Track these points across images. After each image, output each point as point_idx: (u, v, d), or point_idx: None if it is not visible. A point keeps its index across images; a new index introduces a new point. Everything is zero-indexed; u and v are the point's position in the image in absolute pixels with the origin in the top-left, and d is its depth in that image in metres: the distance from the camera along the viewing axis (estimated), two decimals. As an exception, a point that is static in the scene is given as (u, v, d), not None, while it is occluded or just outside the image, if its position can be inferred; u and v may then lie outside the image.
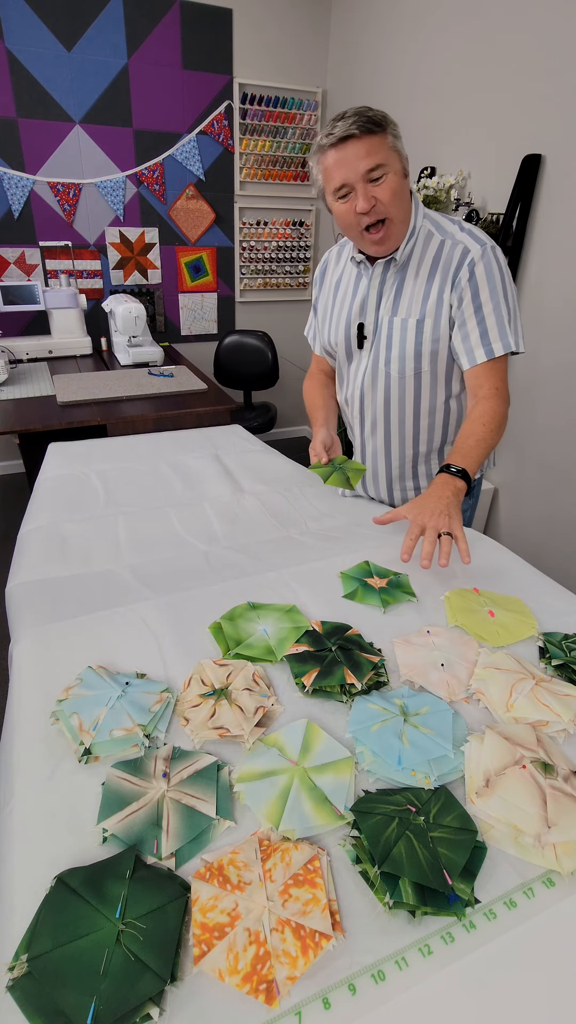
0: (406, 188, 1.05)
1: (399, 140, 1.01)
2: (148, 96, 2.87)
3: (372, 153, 0.97)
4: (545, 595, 0.99)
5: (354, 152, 0.97)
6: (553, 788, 0.60)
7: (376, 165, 0.98)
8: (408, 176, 1.05)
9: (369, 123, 0.96)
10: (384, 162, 0.99)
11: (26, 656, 0.81)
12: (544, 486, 2.23)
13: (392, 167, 1.00)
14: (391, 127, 0.99)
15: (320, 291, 1.31)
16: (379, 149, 0.98)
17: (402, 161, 1.02)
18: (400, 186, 1.02)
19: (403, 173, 1.03)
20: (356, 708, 0.73)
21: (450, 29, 2.30)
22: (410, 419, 1.23)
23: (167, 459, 1.54)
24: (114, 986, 0.45)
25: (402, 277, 1.12)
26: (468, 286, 1.06)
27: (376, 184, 1.00)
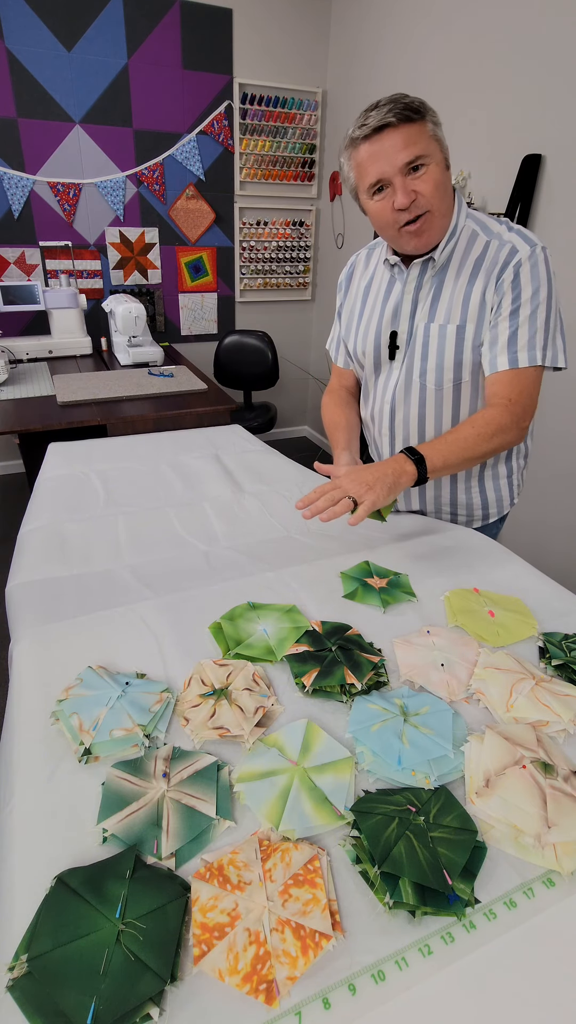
0: (449, 181, 0.96)
1: (440, 128, 0.92)
2: (148, 96, 2.87)
3: (411, 143, 0.88)
4: (545, 595, 0.99)
5: (391, 143, 0.88)
6: (553, 788, 0.60)
7: (416, 156, 0.89)
8: (450, 168, 0.96)
9: (407, 110, 0.87)
10: (425, 152, 0.89)
11: (26, 656, 0.81)
12: (544, 487, 2.23)
13: (434, 157, 0.91)
14: (431, 114, 0.90)
15: (345, 297, 1.21)
16: (419, 138, 0.88)
17: (443, 151, 0.93)
18: (443, 178, 0.93)
19: (445, 164, 0.94)
20: (356, 708, 0.73)
21: (450, 29, 2.30)
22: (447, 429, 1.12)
23: (167, 459, 1.54)
24: (114, 986, 0.45)
25: (441, 280, 1.02)
26: (511, 288, 0.96)
27: (416, 176, 0.91)
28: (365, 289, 1.15)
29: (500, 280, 0.97)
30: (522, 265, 0.96)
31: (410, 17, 2.51)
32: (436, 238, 0.99)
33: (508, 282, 0.96)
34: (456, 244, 1.01)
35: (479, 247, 1.00)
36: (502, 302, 0.97)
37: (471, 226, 1.01)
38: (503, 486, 1.18)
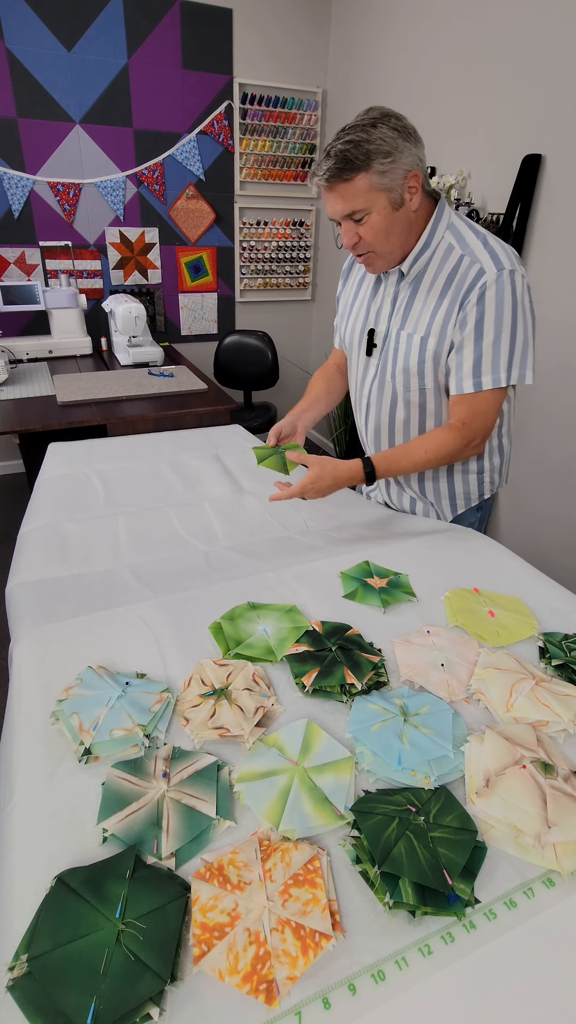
0: (399, 219, 0.99)
1: (387, 174, 0.93)
2: (148, 96, 2.87)
3: (346, 200, 0.95)
4: (545, 595, 0.99)
5: (331, 198, 0.97)
6: (553, 788, 0.60)
7: (352, 211, 0.96)
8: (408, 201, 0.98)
9: (345, 171, 0.92)
10: (361, 207, 0.95)
11: (26, 656, 0.81)
12: (544, 486, 2.23)
13: (374, 207, 0.95)
14: (378, 161, 0.91)
15: (343, 286, 1.29)
16: (355, 196, 0.94)
17: (391, 195, 0.95)
18: (385, 223, 0.98)
19: (393, 206, 0.97)
20: (356, 708, 0.73)
21: (450, 29, 2.30)
22: (415, 433, 1.20)
23: (167, 459, 1.54)
24: (114, 986, 0.45)
25: (415, 289, 1.08)
26: (475, 310, 1.00)
27: (358, 224, 0.98)
28: (359, 282, 1.23)
29: (465, 301, 1.01)
30: (487, 288, 0.98)
31: (410, 17, 2.51)
32: (387, 266, 1.07)
33: (472, 304, 1.00)
34: (432, 257, 1.05)
35: (453, 260, 1.03)
36: (467, 322, 1.01)
37: (448, 239, 1.04)
38: (472, 481, 1.25)
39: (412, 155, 0.94)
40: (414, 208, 0.99)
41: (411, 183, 0.96)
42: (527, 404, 2.22)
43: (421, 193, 0.99)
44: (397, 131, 0.92)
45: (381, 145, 0.91)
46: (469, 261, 1.00)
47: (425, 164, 0.99)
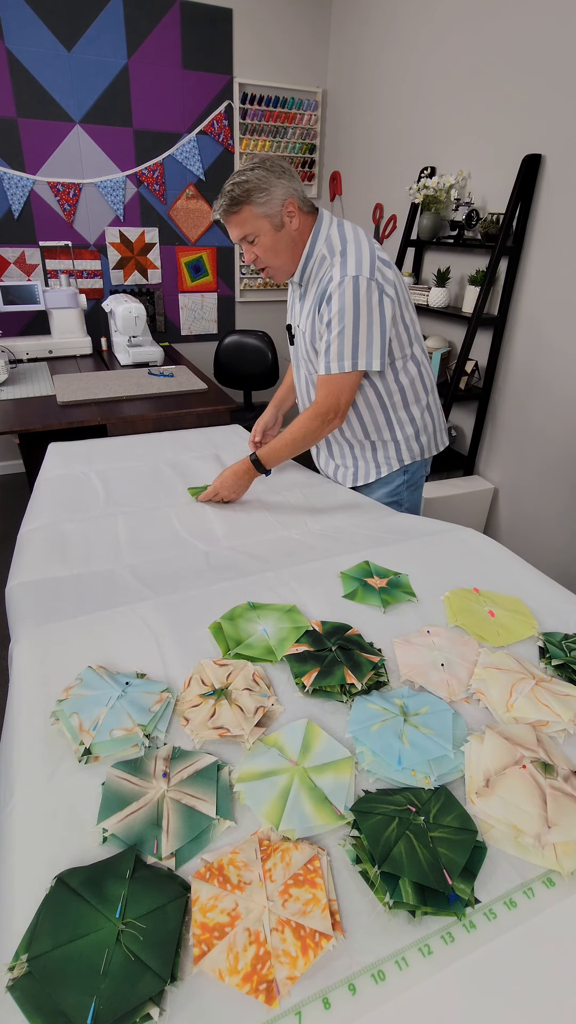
0: (282, 237, 1.21)
1: (266, 204, 1.16)
2: (148, 96, 2.87)
3: (237, 227, 1.20)
4: (545, 595, 0.99)
5: (229, 227, 1.21)
6: (553, 788, 0.60)
7: (243, 236, 1.20)
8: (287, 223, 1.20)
9: (231, 205, 1.16)
10: (250, 232, 1.19)
11: (26, 656, 0.81)
12: (544, 486, 2.23)
13: (261, 230, 1.19)
14: (257, 195, 1.15)
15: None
16: (244, 223, 1.18)
17: (272, 220, 1.18)
18: (273, 241, 1.21)
19: (275, 228, 1.19)
20: (356, 708, 0.73)
21: (450, 29, 2.30)
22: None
23: (167, 459, 1.54)
24: (114, 986, 0.45)
25: (305, 291, 1.31)
26: (326, 310, 1.21)
27: (252, 245, 1.22)
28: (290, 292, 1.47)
29: (322, 302, 1.23)
30: (333, 292, 1.18)
31: (410, 17, 2.51)
32: (285, 276, 1.29)
33: (325, 304, 1.22)
34: (313, 266, 1.26)
35: (325, 268, 1.23)
36: (323, 319, 1.23)
37: (323, 251, 1.24)
38: (390, 449, 1.42)
39: (285, 188, 1.17)
40: (295, 228, 1.21)
41: (289, 209, 1.19)
42: (527, 403, 2.22)
43: (301, 216, 1.21)
44: (271, 171, 1.15)
45: (258, 184, 1.15)
46: (328, 268, 1.22)
47: (301, 192, 1.20)
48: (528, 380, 2.20)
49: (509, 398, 2.31)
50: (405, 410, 1.37)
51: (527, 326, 2.16)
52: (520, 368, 2.23)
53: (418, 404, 1.38)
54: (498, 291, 2.21)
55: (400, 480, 1.45)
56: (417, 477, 1.49)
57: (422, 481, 1.52)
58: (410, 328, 1.29)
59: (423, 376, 1.36)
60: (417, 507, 1.53)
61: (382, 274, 1.19)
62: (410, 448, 1.41)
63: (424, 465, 1.49)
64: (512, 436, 2.33)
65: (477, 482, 2.47)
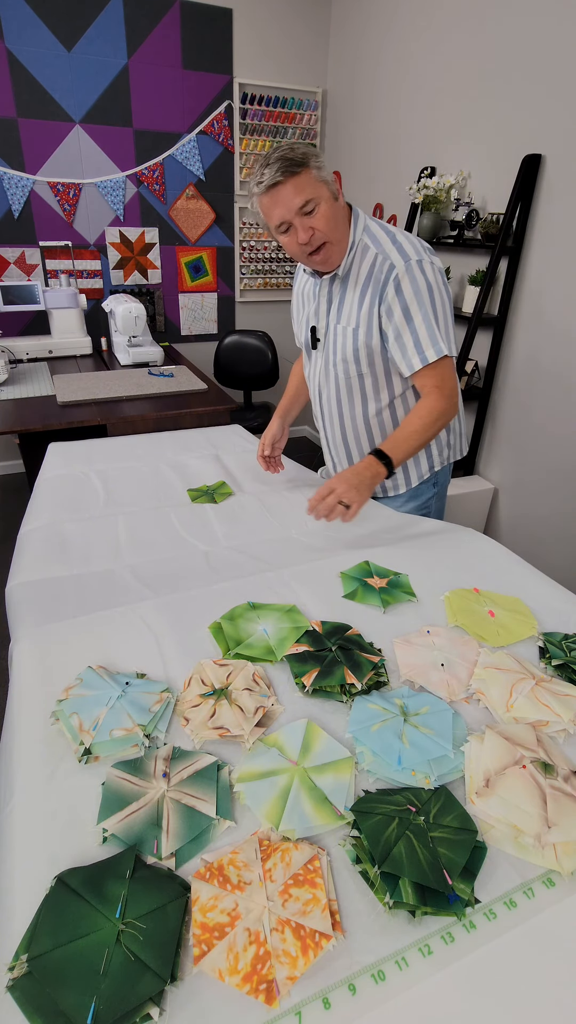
0: (339, 210, 1.13)
1: (322, 169, 1.08)
2: (148, 96, 2.87)
3: (300, 190, 1.07)
4: (545, 595, 0.99)
5: (285, 194, 1.07)
6: (553, 788, 0.60)
7: (306, 201, 1.07)
8: (339, 197, 1.13)
9: (291, 165, 1.05)
10: (312, 196, 1.07)
11: (26, 656, 0.81)
12: (544, 486, 2.23)
13: (321, 196, 1.08)
14: (313, 160, 1.06)
15: (294, 297, 1.44)
16: (305, 185, 1.06)
17: (330, 188, 1.10)
18: (333, 211, 1.11)
19: (333, 197, 1.11)
20: (356, 708, 0.73)
21: (450, 29, 2.29)
22: (360, 416, 1.33)
23: (167, 459, 1.54)
24: (114, 986, 0.45)
25: (344, 288, 1.22)
26: (396, 300, 1.13)
27: (310, 216, 1.09)
28: (302, 291, 1.37)
29: (383, 294, 1.14)
30: (401, 280, 1.12)
31: (410, 17, 2.51)
32: (339, 259, 1.18)
33: (392, 295, 1.13)
34: (353, 257, 1.18)
35: (369, 259, 1.16)
36: (393, 313, 1.14)
37: (365, 240, 1.17)
38: (422, 457, 1.36)
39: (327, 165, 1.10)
40: (342, 205, 1.15)
41: (337, 182, 1.12)
42: (528, 403, 2.22)
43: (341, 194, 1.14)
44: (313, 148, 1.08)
45: (311, 150, 1.08)
46: (381, 258, 1.14)
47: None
48: (528, 380, 2.20)
49: (509, 398, 2.31)
50: None
51: (527, 326, 2.16)
52: (520, 368, 2.23)
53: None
54: (498, 291, 2.21)
55: (430, 492, 1.40)
56: (442, 486, 1.44)
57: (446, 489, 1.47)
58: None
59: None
60: (442, 514, 1.49)
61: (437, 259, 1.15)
62: (440, 453, 1.36)
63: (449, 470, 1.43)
64: (512, 436, 2.33)
65: (477, 482, 2.47)
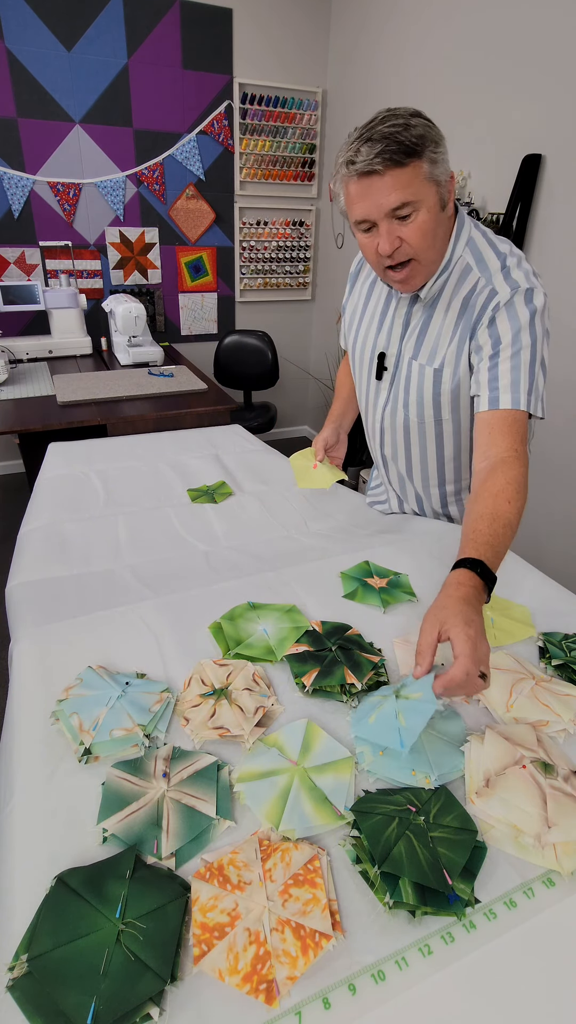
0: (442, 223, 0.89)
1: (439, 164, 0.82)
2: (148, 96, 2.87)
3: (399, 189, 0.81)
4: (545, 595, 0.98)
5: (378, 188, 0.81)
6: (553, 788, 0.60)
7: (402, 203, 0.82)
8: (448, 204, 0.88)
9: (399, 153, 0.78)
10: (413, 199, 0.82)
11: (26, 656, 0.81)
12: (544, 486, 2.23)
13: (425, 202, 0.83)
14: (430, 148, 0.80)
15: (350, 293, 1.19)
16: (409, 183, 0.81)
17: (440, 191, 0.85)
18: (434, 223, 0.86)
19: (440, 205, 0.86)
20: (358, 709, 0.73)
21: (450, 29, 2.30)
22: (432, 462, 1.14)
23: (167, 459, 1.54)
24: (114, 986, 0.45)
25: (430, 314, 0.99)
26: (489, 332, 0.92)
27: (404, 222, 0.85)
28: (369, 290, 1.13)
29: (477, 325, 0.93)
30: (499, 310, 0.91)
31: (410, 16, 2.51)
32: (424, 281, 0.95)
33: (485, 326, 0.92)
34: (448, 278, 0.96)
35: (470, 283, 0.94)
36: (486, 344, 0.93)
37: (467, 259, 0.94)
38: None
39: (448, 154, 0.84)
40: (449, 215, 0.90)
41: (451, 186, 0.87)
42: (527, 404, 2.22)
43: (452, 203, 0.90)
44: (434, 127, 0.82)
45: (432, 135, 0.80)
46: (484, 283, 0.92)
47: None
48: (528, 380, 2.20)
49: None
50: None
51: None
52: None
53: None
54: (498, 291, 2.21)
55: None
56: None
57: None
58: None
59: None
60: None
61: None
62: None
63: None
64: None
65: (477, 482, 2.47)
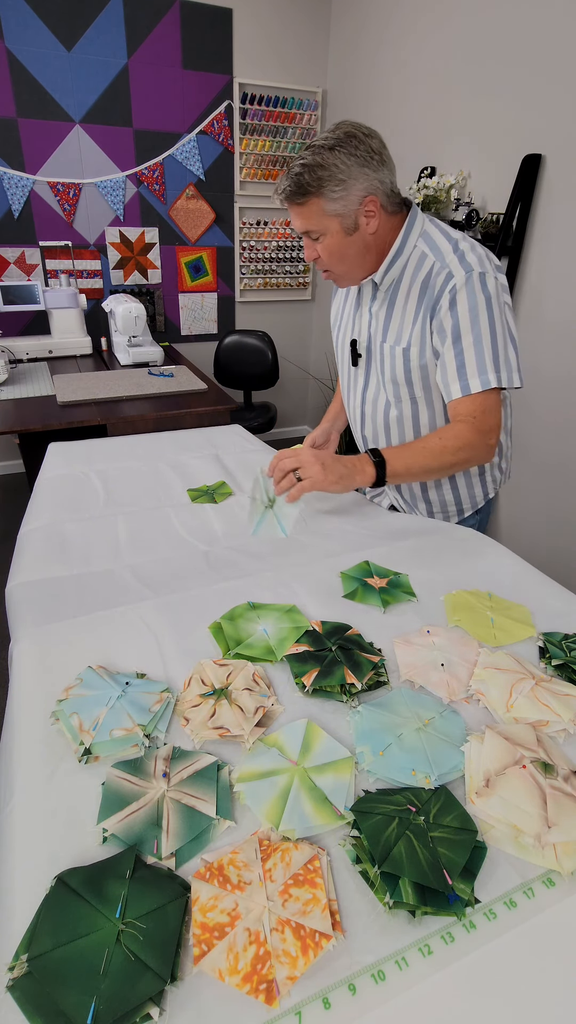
0: (352, 243, 1.00)
1: (339, 201, 0.94)
2: (148, 96, 2.87)
3: (301, 219, 0.98)
4: (545, 595, 0.98)
5: (291, 215, 1.00)
6: (553, 788, 0.60)
7: (306, 231, 0.99)
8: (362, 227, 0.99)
9: (296, 194, 0.94)
10: (315, 229, 0.98)
11: (26, 656, 0.81)
12: (544, 486, 2.23)
13: (328, 230, 0.98)
14: (328, 188, 0.93)
15: (335, 293, 1.30)
16: (309, 217, 0.97)
17: (343, 222, 0.97)
18: (340, 247, 1.00)
19: (346, 231, 0.98)
20: None
21: (450, 29, 2.30)
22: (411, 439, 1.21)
23: (167, 459, 1.54)
24: (114, 986, 0.45)
25: (393, 300, 1.08)
26: (448, 315, 0.99)
27: (317, 242, 1.01)
28: (346, 291, 1.23)
29: (437, 307, 1.00)
30: (458, 292, 0.97)
31: (410, 16, 2.51)
32: (350, 282, 1.08)
33: (445, 309, 0.99)
34: (405, 266, 1.04)
35: (426, 269, 1.02)
36: (444, 330, 1.00)
37: (422, 247, 1.03)
38: (475, 483, 1.25)
39: (370, 180, 0.94)
40: (371, 232, 1.00)
41: (368, 208, 0.97)
42: (528, 403, 2.22)
43: (382, 216, 1.00)
44: (356, 156, 0.92)
45: (335, 172, 0.92)
46: (439, 267, 1.00)
47: (390, 184, 0.98)
48: (528, 379, 2.20)
49: (509, 397, 2.30)
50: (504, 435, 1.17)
51: (527, 326, 2.16)
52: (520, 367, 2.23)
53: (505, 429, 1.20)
54: (498, 291, 2.21)
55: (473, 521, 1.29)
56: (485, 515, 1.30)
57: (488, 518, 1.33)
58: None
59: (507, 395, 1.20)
60: None
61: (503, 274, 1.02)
62: (494, 478, 1.25)
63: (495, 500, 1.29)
64: (512, 435, 2.33)
65: (477, 482, 2.47)
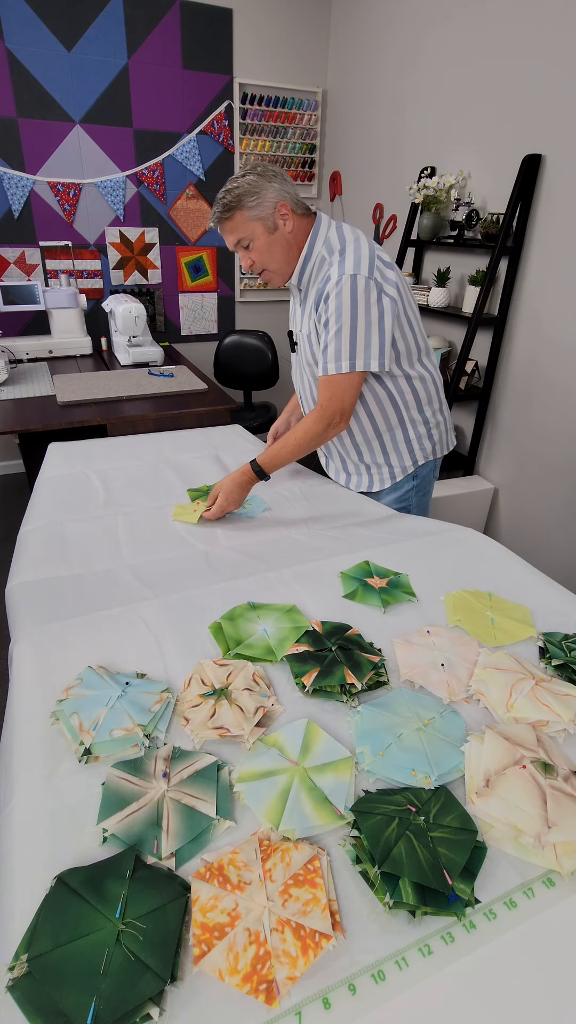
0: (279, 239, 1.22)
1: (257, 208, 1.18)
2: (148, 96, 2.87)
3: (231, 233, 1.21)
4: (545, 595, 0.99)
5: (224, 235, 1.23)
6: (553, 788, 0.60)
7: (237, 241, 1.22)
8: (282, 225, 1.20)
9: (224, 212, 1.18)
10: (244, 236, 1.21)
11: (26, 656, 0.81)
12: (544, 486, 2.23)
13: (254, 234, 1.20)
14: (247, 199, 1.17)
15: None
16: (237, 228, 1.20)
17: (265, 224, 1.19)
18: (267, 244, 1.21)
19: (269, 231, 1.20)
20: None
21: (450, 29, 2.29)
22: None
23: (167, 459, 1.54)
24: (114, 986, 0.45)
25: (306, 296, 1.30)
26: (324, 310, 1.20)
27: (248, 250, 1.23)
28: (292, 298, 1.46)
29: (319, 303, 1.22)
30: (331, 291, 1.18)
31: (410, 16, 2.51)
32: (282, 280, 1.30)
33: (322, 305, 1.21)
34: (312, 269, 1.26)
35: (324, 270, 1.23)
36: (322, 319, 1.22)
37: (322, 252, 1.24)
38: (404, 453, 1.41)
39: (276, 191, 1.18)
40: (289, 230, 1.22)
41: (281, 211, 1.20)
42: (528, 403, 2.22)
43: (294, 217, 1.22)
44: (261, 176, 1.18)
45: (249, 188, 1.17)
46: (327, 269, 1.21)
47: (294, 194, 1.21)
48: (528, 380, 2.20)
49: (509, 398, 2.31)
50: (419, 411, 1.36)
51: (527, 326, 2.16)
52: (520, 368, 2.22)
53: (430, 405, 1.37)
54: (498, 291, 2.21)
55: (409, 485, 1.43)
56: (426, 481, 1.47)
57: (431, 485, 1.50)
58: (416, 330, 1.28)
59: (435, 379, 1.36)
60: (425, 511, 1.51)
61: (382, 274, 1.18)
62: (422, 447, 1.40)
63: (434, 467, 1.46)
64: (512, 436, 2.33)
65: (477, 482, 2.47)
